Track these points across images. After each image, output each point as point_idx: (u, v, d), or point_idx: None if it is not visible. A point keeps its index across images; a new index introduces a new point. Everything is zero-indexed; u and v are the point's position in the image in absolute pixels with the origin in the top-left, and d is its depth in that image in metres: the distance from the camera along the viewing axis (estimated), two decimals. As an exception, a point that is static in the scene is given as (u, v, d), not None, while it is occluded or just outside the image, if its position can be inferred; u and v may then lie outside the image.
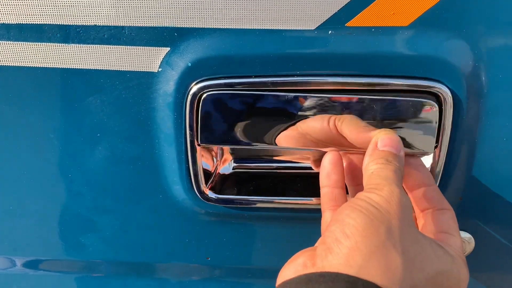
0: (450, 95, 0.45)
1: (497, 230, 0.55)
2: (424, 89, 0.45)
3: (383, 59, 0.44)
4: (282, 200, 0.52)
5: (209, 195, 0.52)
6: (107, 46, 0.45)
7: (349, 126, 0.44)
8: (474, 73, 0.45)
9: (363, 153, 0.43)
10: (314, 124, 0.46)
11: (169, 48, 0.45)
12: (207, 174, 0.52)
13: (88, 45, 0.45)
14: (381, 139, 0.42)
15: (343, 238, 0.36)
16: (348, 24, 0.43)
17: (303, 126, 0.46)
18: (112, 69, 0.46)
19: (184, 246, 0.58)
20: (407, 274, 0.35)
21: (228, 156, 0.54)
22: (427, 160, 0.49)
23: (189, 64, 0.45)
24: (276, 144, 0.47)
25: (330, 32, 0.44)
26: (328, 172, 0.45)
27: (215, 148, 0.51)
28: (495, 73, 0.45)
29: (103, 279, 0.65)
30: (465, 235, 0.55)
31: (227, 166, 0.54)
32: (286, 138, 0.47)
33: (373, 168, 0.41)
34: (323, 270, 0.35)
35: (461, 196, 0.52)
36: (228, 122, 0.46)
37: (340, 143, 0.46)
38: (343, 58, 0.44)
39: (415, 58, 0.44)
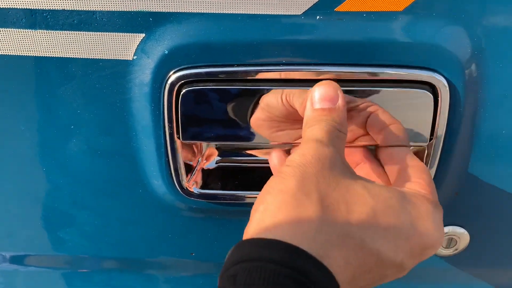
0: (447, 85, 0.42)
1: (493, 225, 0.53)
2: (419, 79, 0.42)
3: (376, 47, 0.41)
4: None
5: (191, 190, 0.49)
6: (77, 32, 0.42)
7: (299, 99, 0.42)
8: (473, 61, 0.42)
9: None
10: (269, 101, 0.43)
11: (144, 35, 0.41)
12: (189, 168, 0.49)
13: (56, 32, 0.42)
14: (314, 97, 0.39)
15: (257, 205, 0.35)
16: (337, 9, 0.40)
17: (262, 105, 0.43)
18: (83, 57, 0.43)
19: (168, 241, 0.56)
20: (326, 221, 0.33)
21: (211, 150, 0.51)
22: (422, 154, 0.47)
23: (166, 52, 0.42)
24: (259, 139, 0.44)
25: (318, 17, 0.40)
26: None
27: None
28: (494, 62, 0.42)
29: (88, 274, 0.63)
30: (460, 230, 0.53)
31: (210, 160, 0.51)
32: (257, 124, 0.44)
33: (305, 131, 0.39)
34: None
35: (457, 191, 0.50)
36: (211, 118, 0.43)
37: (296, 118, 0.43)
38: (332, 45, 0.41)
39: (410, 45, 0.41)
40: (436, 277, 0.59)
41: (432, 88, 0.42)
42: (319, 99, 0.39)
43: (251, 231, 0.34)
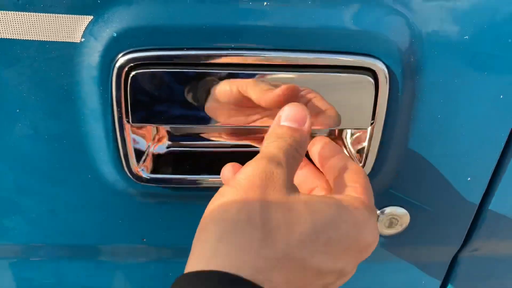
0: (386, 71, 0.44)
1: (431, 205, 0.56)
2: (360, 65, 0.44)
3: (319, 33, 0.43)
4: (218, 179, 0.50)
5: (141, 175, 0.49)
6: (21, 13, 0.41)
7: (254, 87, 0.43)
8: (411, 49, 0.44)
9: None
10: (224, 90, 0.44)
11: (92, 17, 0.41)
12: (139, 152, 0.49)
13: (-1, 12, 0.41)
14: (283, 114, 0.41)
15: (199, 234, 0.35)
16: (283, -5, 0.41)
17: (217, 94, 0.44)
18: (28, 38, 0.42)
19: (118, 227, 0.56)
20: (267, 246, 0.33)
21: (161, 134, 0.52)
22: (364, 137, 0.49)
23: (115, 35, 0.42)
24: (211, 122, 0.45)
25: (265, 3, 0.41)
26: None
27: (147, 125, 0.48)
28: (431, 50, 0.44)
29: (36, 263, 0.62)
30: (401, 210, 0.56)
31: (161, 144, 0.52)
32: (211, 107, 0.45)
33: (264, 144, 0.40)
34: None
35: (397, 172, 0.52)
36: (159, 101, 0.44)
37: (252, 104, 0.44)
38: (278, 31, 0.42)
39: (351, 32, 0.43)
40: (381, 256, 0.62)
41: (373, 74, 0.44)
42: (286, 117, 0.40)
43: (192, 263, 0.34)
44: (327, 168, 0.44)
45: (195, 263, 0.34)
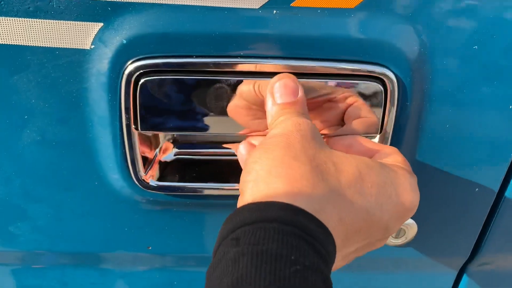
0: (395, 80, 0.44)
1: (439, 216, 0.56)
2: (369, 74, 0.44)
3: (329, 42, 0.43)
4: (226, 187, 0.50)
5: (149, 183, 0.49)
6: (32, 20, 0.41)
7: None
8: (420, 58, 0.44)
9: None
10: (244, 89, 0.44)
11: (102, 24, 0.41)
12: (146, 160, 0.49)
13: (11, 18, 0.41)
14: (275, 91, 0.41)
15: (246, 176, 0.36)
16: (293, 4, 0.41)
17: (238, 92, 0.44)
18: (38, 45, 0.42)
19: (124, 234, 0.55)
20: (317, 178, 0.34)
21: (168, 142, 0.52)
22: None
23: (124, 42, 0.42)
24: (219, 130, 0.45)
25: (274, 12, 0.42)
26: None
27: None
28: (440, 59, 0.44)
29: (41, 270, 0.61)
30: (408, 220, 0.55)
31: (168, 152, 0.52)
32: (233, 112, 0.45)
33: (272, 124, 0.40)
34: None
35: (405, 182, 0.52)
36: (168, 108, 0.44)
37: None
38: (287, 40, 0.42)
39: (361, 41, 0.43)
40: (387, 266, 0.61)
41: (382, 83, 0.44)
42: (280, 93, 0.40)
43: (245, 199, 0.34)
44: (356, 143, 0.44)
45: (248, 197, 0.34)
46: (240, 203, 0.36)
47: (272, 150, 0.36)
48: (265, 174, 0.34)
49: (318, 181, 0.34)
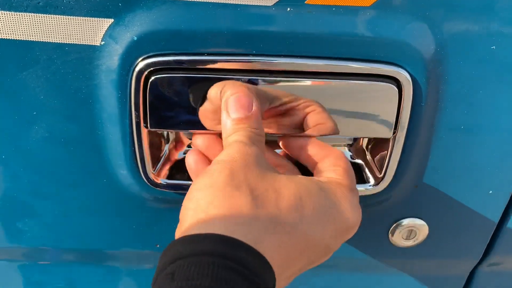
0: (410, 81, 0.43)
1: (451, 217, 0.55)
2: (383, 74, 0.43)
3: (343, 40, 0.42)
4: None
5: (158, 181, 0.49)
6: (42, 15, 0.40)
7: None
8: (435, 59, 0.43)
9: None
10: (211, 95, 0.43)
11: (112, 20, 0.41)
12: (155, 157, 0.48)
13: (20, 13, 0.40)
14: (229, 106, 0.40)
15: (188, 203, 0.36)
16: (307, 1, 0.40)
17: (209, 98, 0.43)
18: (48, 41, 0.41)
19: (132, 232, 0.55)
20: (257, 209, 0.34)
21: (178, 140, 0.51)
22: (386, 146, 0.48)
23: (135, 38, 0.41)
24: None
25: (288, 9, 0.41)
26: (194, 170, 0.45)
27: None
28: (455, 59, 0.43)
29: (48, 266, 0.61)
30: (419, 222, 0.55)
31: (177, 150, 0.51)
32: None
33: (225, 139, 0.40)
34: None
35: (416, 183, 0.51)
36: (178, 106, 0.43)
37: None
38: (301, 37, 0.42)
39: (376, 40, 0.42)
40: (397, 267, 0.61)
41: (396, 83, 0.43)
42: (234, 108, 0.40)
43: (183, 229, 0.34)
44: (305, 156, 0.44)
45: (186, 228, 0.34)
46: (178, 232, 0.36)
47: (216, 178, 0.36)
48: (206, 204, 0.35)
49: (258, 211, 0.34)
